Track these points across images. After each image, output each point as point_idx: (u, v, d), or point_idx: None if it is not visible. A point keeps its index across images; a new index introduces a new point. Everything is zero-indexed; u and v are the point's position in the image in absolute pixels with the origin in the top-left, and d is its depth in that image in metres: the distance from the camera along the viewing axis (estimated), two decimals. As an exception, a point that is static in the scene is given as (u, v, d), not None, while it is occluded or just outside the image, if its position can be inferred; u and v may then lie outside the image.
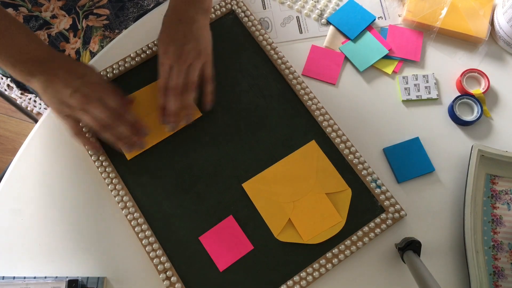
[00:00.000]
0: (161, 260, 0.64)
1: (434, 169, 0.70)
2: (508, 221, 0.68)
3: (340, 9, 0.80)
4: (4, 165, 1.49)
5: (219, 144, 0.71)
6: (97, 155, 0.69)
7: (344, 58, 0.77)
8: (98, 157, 0.68)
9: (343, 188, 0.68)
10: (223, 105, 0.73)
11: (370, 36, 0.78)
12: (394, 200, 0.67)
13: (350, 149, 0.70)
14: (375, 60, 0.76)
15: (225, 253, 0.65)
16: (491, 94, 0.75)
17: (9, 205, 0.68)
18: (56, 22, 0.85)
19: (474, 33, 0.76)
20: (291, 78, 0.73)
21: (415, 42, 0.77)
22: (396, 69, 0.76)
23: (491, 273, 0.66)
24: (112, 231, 0.67)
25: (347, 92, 0.75)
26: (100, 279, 0.64)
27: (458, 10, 0.77)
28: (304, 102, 0.72)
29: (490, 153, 0.68)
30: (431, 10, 0.77)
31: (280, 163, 0.69)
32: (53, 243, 0.66)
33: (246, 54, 0.76)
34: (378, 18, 0.80)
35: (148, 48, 0.75)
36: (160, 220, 0.67)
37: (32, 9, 0.83)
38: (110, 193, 0.67)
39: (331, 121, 0.71)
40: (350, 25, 0.78)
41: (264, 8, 0.80)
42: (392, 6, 0.80)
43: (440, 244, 0.67)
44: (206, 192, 0.68)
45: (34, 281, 0.63)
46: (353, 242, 0.65)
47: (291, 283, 0.63)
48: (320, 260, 0.64)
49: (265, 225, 0.66)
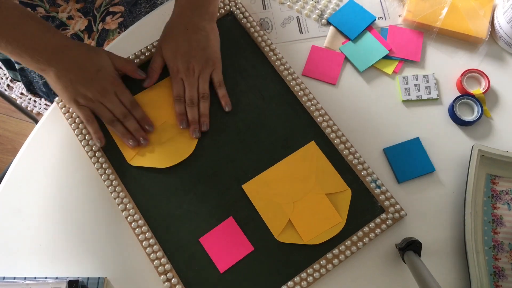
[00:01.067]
0: (161, 262, 0.64)
1: (434, 169, 0.70)
2: (509, 221, 0.68)
3: (340, 9, 0.80)
4: (4, 165, 1.49)
5: (219, 145, 0.71)
6: (99, 145, 0.69)
7: (344, 59, 0.77)
8: (101, 165, 0.68)
9: (343, 189, 0.68)
10: (222, 106, 0.73)
11: (371, 37, 0.78)
12: (394, 200, 0.67)
13: (349, 149, 0.70)
14: (375, 60, 0.76)
15: (225, 255, 0.65)
16: (491, 94, 0.75)
17: (9, 205, 0.68)
18: (72, 23, 0.85)
19: (474, 33, 0.76)
20: (290, 79, 0.73)
21: (416, 42, 0.77)
22: (396, 69, 0.76)
23: (491, 273, 0.66)
24: (113, 232, 0.67)
25: (347, 92, 0.75)
26: (101, 280, 0.64)
27: (458, 10, 0.77)
28: (303, 103, 0.72)
29: (491, 153, 0.68)
30: (432, 10, 0.77)
31: (280, 164, 0.69)
32: (53, 244, 0.66)
33: (245, 55, 0.76)
34: (378, 18, 0.80)
35: (147, 50, 0.75)
36: (160, 221, 0.67)
37: (49, 9, 0.83)
38: (110, 194, 0.67)
39: (331, 122, 0.71)
40: (350, 26, 0.78)
41: (264, 9, 0.80)
42: (392, 6, 0.80)
43: (441, 244, 0.67)
44: (206, 193, 0.68)
45: (34, 281, 0.63)
46: (353, 243, 0.65)
47: (291, 284, 0.63)
48: (321, 260, 0.64)
49: (265, 226, 0.66)
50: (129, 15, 0.88)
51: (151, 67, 0.72)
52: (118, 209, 0.67)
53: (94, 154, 0.69)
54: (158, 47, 0.72)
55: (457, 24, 0.77)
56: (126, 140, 0.68)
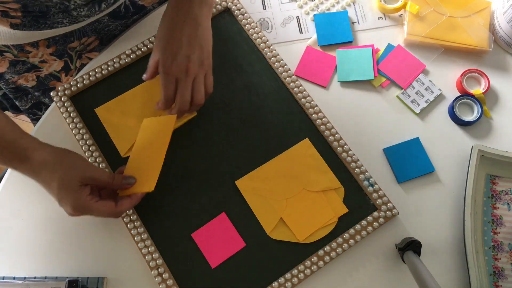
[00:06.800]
0: (153, 257, 0.64)
1: (434, 169, 0.70)
2: (508, 222, 0.68)
3: (329, 14, 0.79)
4: (4, 165, 1.49)
5: (213, 141, 0.71)
6: None
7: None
8: (95, 159, 0.69)
9: (336, 186, 0.68)
10: (217, 102, 0.73)
11: (369, 54, 0.76)
12: (387, 198, 0.67)
13: (343, 147, 0.70)
14: (357, 79, 0.75)
15: (217, 250, 0.65)
16: (491, 94, 0.75)
17: (9, 205, 0.68)
18: (46, 66, 0.81)
19: (477, 45, 0.75)
20: (285, 76, 0.73)
21: (412, 71, 0.75)
22: (383, 84, 0.75)
23: (491, 274, 0.66)
24: (113, 232, 0.67)
25: (345, 93, 0.75)
26: (100, 280, 0.64)
27: (458, 24, 0.77)
28: (298, 100, 0.72)
29: (490, 154, 0.68)
30: (430, 29, 0.76)
31: (274, 161, 0.69)
32: (53, 243, 0.67)
33: (241, 52, 0.76)
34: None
35: (144, 46, 0.75)
36: (153, 216, 0.67)
37: (18, 55, 0.77)
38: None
39: (325, 119, 0.71)
40: (328, 32, 0.78)
41: (264, 8, 0.80)
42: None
43: (440, 244, 0.67)
44: (199, 189, 0.68)
45: (34, 281, 0.63)
46: (345, 240, 0.65)
47: (282, 280, 0.63)
48: (312, 258, 0.64)
49: (257, 222, 0.66)
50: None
51: (149, 64, 0.67)
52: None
53: (91, 154, 0.69)
54: (155, 40, 0.68)
55: (459, 39, 0.76)
56: None
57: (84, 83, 0.73)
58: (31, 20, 0.68)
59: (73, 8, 0.68)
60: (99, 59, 0.77)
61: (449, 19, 0.77)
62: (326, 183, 0.68)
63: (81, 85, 0.73)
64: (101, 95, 0.73)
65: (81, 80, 0.73)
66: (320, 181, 0.68)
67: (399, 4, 0.78)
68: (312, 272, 0.64)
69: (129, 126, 0.71)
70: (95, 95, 0.73)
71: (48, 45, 0.76)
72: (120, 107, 0.72)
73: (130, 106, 0.72)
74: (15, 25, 0.68)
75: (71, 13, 0.69)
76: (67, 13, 0.68)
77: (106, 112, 0.72)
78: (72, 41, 0.77)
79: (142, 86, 0.73)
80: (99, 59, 0.76)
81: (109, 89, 0.74)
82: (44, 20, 0.68)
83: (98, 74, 0.74)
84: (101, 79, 0.74)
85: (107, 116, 0.71)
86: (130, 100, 0.73)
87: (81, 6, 0.68)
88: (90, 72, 0.74)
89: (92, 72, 0.74)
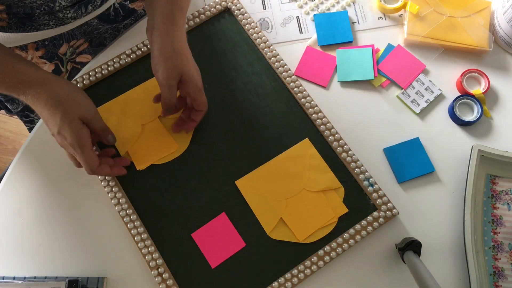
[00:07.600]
0: (153, 257, 0.64)
1: (434, 169, 0.70)
2: (508, 221, 0.68)
3: (329, 14, 0.79)
4: (4, 165, 1.49)
5: (213, 141, 0.71)
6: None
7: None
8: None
9: (336, 186, 0.68)
10: (217, 102, 0.73)
11: (369, 54, 0.76)
12: (387, 198, 0.67)
13: (343, 147, 0.70)
14: (356, 79, 0.75)
15: (217, 250, 0.65)
16: (491, 94, 0.75)
17: (9, 205, 0.68)
18: None
19: (478, 45, 0.75)
20: (285, 76, 0.73)
21: (412, 71, 0.75)
22: (383, 84, 0.75)
23: (491, 274, 0.66)
24: (113, 232, 0.67)
25: (345, 93, 0.75)
26: (100, 280, 0.64)
27: (458, 24, 0.77)
28: (298, 100, 0.72)
29: (490, 153, 0.68)
30: (431, 28, 0.76)
31: (274, 161, 0.69)
32: (53, 243, 0.67)
33: (240, 52, 0.76)
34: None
35: (144, 46, 0.75)
36: (153, 216, 0.67)
37: None
38: (107, 194, 0.67)
39: (325, 119, 0.71)
40: (328, 32, 0.78)
41: (264, 8, 0.80)
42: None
43: (440, 244, 0.67)
44: (199, 189, 0.68)
45: (34, 281, 0.63)
46: (345, 240, 0.65)
47: (282, 280, 0.63)
48: (312, 257, 0.64)
49: (257, 222, 0.66)
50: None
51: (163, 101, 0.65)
52: (115, 208, 0.67)
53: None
54: (154, 71, 0.64)
55: (459, 39, 0.76)
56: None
57: (84, 83, 0.73)
58: (18, 22, 0.68)
59: (59, 9, 0.68)
60: (99, 59, 0.77)
61: (449, 19, 0.77)
62: (326, 183, 0.68)
63: (81, 85, 0.73)
64: (101, 95, 0.73)
65: (81, 80, 0.73)
66: (320, 181, 0.68)
67: (399, 4, 0.78)
68: (312, 272, 0.64)
69: (129, 126, 0.71)
70: (95, 95, 0.73)
71: (37, 48, 0.76)
72: (120, 107, 0.72)
73: (130, 106, 0.72)
74: (2, 27, 0.68)
75: (57, 15, 0.69)
76: (53, 15, 0.69)
77: (106, 112, 0.72)
78: (61, 44, 0.77)
79: (142, 86, 0.73)
80: (99, 59, 0.76)
81: (109, 89, 0.74)
82: (30, 22, 0.68)
83: (98, 74, 0.74)
84: (101, 79, 0.74)
85: (107, 116, 0.71)
86: (130, 100, 0.73)
87: (66, 8, 0.68)
88: (90, 72, 0.74)
89: (92, 72, 0.74)
